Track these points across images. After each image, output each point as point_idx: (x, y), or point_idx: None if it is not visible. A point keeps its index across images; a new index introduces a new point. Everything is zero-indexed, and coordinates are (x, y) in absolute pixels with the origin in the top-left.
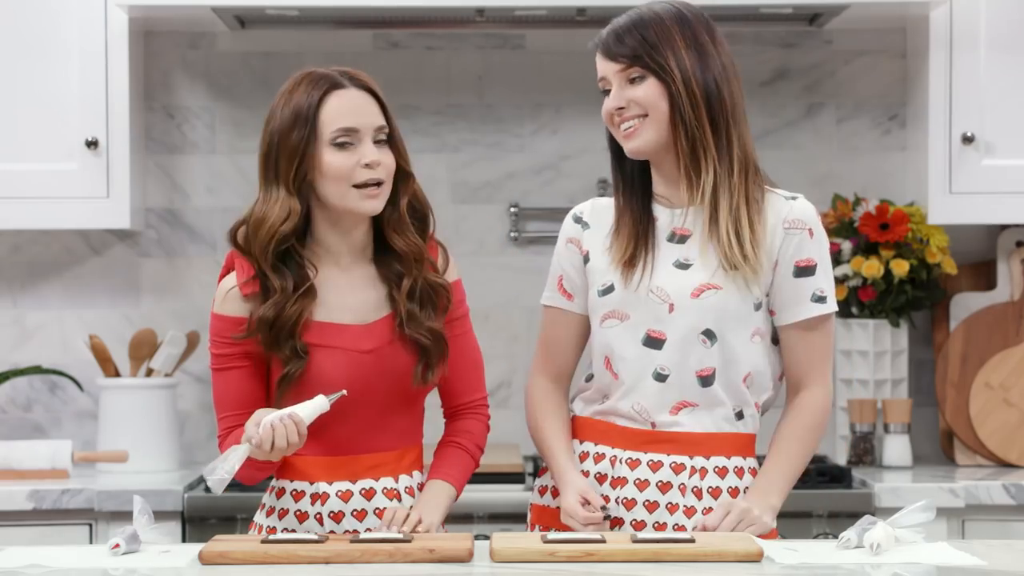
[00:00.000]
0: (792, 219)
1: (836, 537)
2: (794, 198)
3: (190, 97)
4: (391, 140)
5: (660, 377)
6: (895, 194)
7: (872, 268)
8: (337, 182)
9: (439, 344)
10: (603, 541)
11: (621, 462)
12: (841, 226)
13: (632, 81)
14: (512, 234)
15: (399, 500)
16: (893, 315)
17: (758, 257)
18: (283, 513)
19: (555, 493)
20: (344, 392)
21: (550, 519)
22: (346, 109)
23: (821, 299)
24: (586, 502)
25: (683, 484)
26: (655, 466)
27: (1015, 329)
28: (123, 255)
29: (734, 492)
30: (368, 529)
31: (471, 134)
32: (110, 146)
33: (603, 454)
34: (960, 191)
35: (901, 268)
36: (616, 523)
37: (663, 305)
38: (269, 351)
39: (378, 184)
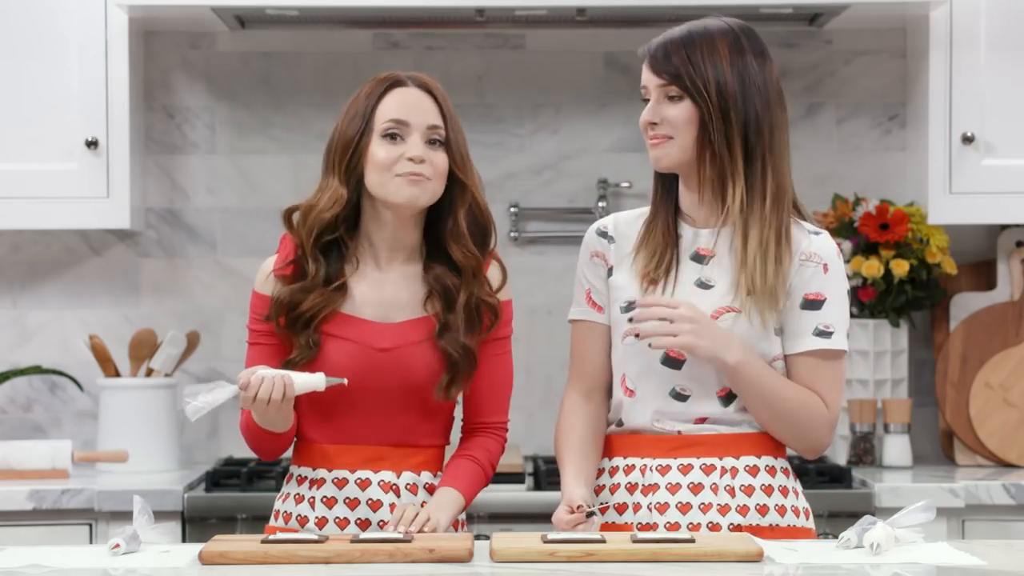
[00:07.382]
0: (809, 252)
1: (836, 537)
2: (817, 233)
3: (190, 97)
4: (448, 145)
5: (679, 396)
6: (895, 194)
7: (872, 268)
8: (381, 171)
9: (468, 361)
10: (603, 541)
11: (652, 469)
12: (841, 226)
13: (671, 99)
14: (512, 234)
15: (397, 495)
16: (893, 315)
17: (782, 289)
18: (301, 499)
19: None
20: (344, 381)
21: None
22: (400, 104)
23: (824, 334)
24: (572, 510)
25: (715, 484)
26: (685, 469)
27: (1015, 329)
28: (123, 255)
29: (768, 489)
30: (381, 522)
31: (471, 134)
32: (110, 146)
33: (633, 465)
34: (960, 191)
35: (901, 268)
36: (650, 528)
37: None
38: (285, 333)
39: (419, 174)
